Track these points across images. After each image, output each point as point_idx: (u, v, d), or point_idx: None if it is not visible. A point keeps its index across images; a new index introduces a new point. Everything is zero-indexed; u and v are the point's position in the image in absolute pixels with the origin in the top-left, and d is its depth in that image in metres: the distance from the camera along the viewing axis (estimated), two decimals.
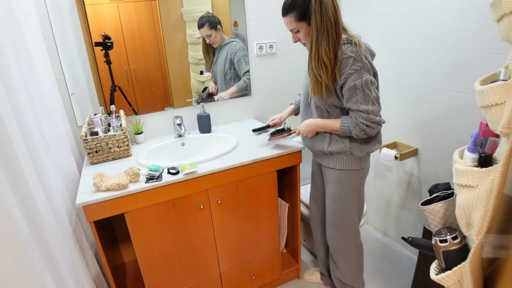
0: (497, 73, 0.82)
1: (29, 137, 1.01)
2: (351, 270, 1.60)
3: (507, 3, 0.65)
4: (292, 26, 1.24)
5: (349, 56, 1.17)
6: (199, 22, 1.73)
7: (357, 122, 1.23)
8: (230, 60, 1.86)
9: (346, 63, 1.18)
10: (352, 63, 1.17)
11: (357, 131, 1.24)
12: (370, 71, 1.21)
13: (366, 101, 1.20)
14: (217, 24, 1.77)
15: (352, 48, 1.18)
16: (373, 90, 1.21)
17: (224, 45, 1.84)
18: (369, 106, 1.21)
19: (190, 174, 1.33)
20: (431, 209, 1.02)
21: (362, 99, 1.20)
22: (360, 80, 1.18)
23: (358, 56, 1.17)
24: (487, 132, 0.85)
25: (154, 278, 1.45)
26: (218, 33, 1.79)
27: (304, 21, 1.20)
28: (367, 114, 1.21)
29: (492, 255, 0.85)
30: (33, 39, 1.27)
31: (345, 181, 1.41)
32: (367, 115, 1.21)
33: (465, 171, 0.83)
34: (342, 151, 1.35)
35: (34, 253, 0.89)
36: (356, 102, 1.21)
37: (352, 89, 1.20)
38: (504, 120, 0.70)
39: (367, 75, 1.19)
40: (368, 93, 1.20)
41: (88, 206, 1.20)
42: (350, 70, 1.18)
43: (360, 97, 1.20)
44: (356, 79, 1.18)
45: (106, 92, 1.64)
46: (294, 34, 1.28)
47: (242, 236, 1.59)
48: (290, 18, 1.22)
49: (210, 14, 1.74)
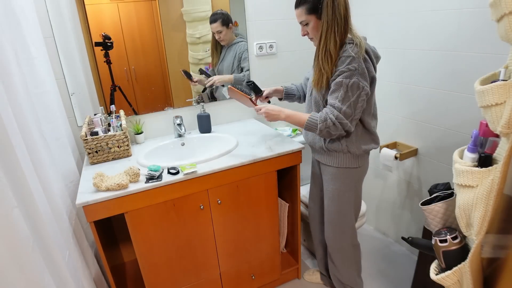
0: (497, 73, 0.82)
1: (29, 137, 1.00)
2: (349, 270, 1.60)
3: (507, 3, 0.65)
4: (302, 18, 1.27)
5: (350, 55, 1.19)
6: (212, 18, 1.76)
7: (326, 116, 1.24)
8: (238, 59, 1.88)
9: (344, 61, 1.20)
10: (349, 62, 1.19)
11: (322, 126, 1.25)
12: (364, 76, 1.22)
13: (344, 101, 1.22)
14: (229, 22, 1.80)
15: (354, 48, 1.20)
16: (357, 95, 1.22)
17: (233, 44, 1.85)
18: (344, 106, 1.22)
19: (190, 174, 1.33)
20: (431, 209, 1.02)
21: (342, 97, 1.22)
22: (348, 80, 1.20)
23: (357, 58, 1.19)
24: (487, 132, 0.85)
25: (154, 278, 1.45)
26: (228, 31, 1.81)
27: (314, 14, 1.23)
28: (339, 112, 1.23)
29: (492, 255, 0.85)
30: (33, 39, 1.27)
31: (343, 179, 1.42)
32: (338, 113, 1.23)
33: (465, 171, 0.83)
34: (339, 149, 1.36)
35: (34, 253, 0.89)
36: (336, 98, 1.23)
37: (338, 85, 1.22)
38: (504, 120, 0.70)
39: (358, 79, 1.20)
40: (349, 95, 1.21)
41: (88, 206, 1.20)
42: (344, 68, 1.20)
43: (341, 95, 1.22)
44: (345, 77, 1.20)
45: (106, 92, 1.64)
46: (303, 27, 1.31)
47: (242, 236, 1.59)
48: (301, 10, 1.25)
49: (224, 12, 1.78)
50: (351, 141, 1.34)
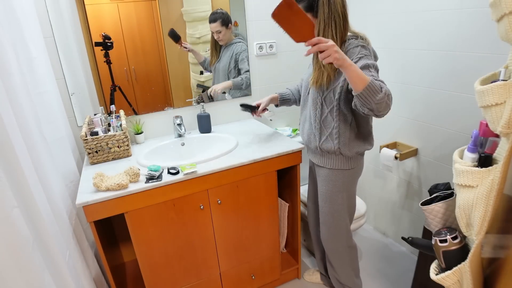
0: (497, 73, 0.82)
1: (29, 137, 1.00)
2: (346, 271, 1.60)
3: (507, 3, 0.65)
4: None
5: (357, 45, 1.19)
6: (211, 17, 1.76)
7: (381, 85, 1.08)
8: (235, 59, 1.88)
9: (354, 51, 1.19)
10: (359, 50, 1.18)
11: (386, 91, 1.08)
12: (377, 59, 1.22)
13: (379, 79, 1.11)
14: (229, 23, 1.80)
15: (359, 40, 1.21)
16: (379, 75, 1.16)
17: (230, 44, 1.85)
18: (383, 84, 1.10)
19: (190, 174, 1.33)
20: (431, 209, 1.02)
21: (376, 75, 1.13)
22: (371, 62, 1.15)
23: (366, 45, 1.19)
24: (487, 132, 0.85)
25: (154, 278, 1.45)
26: (227, 32, 1.81)
27: (310, 12, 1.22)
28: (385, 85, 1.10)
29: (492, 255, 0.85)
30: (33, 39, 1.27)
31: (335, 180, 1.41)
32: (386, 87, 1.09)
33: (465, 171, 0.83)
34: (332, 151, 1.36)
35: (34, 253, 0.89)
36: (372, 75, 1.10)
37: (365, 68, 1.12)
38: (504, 120, 0.70)
39: (375, 62, 1.18)
40: (377, 75, 1.14)
41: (88, 206, 1.20)
42: (358, 55, 1.17)
43: (374, 72, 1.13)
44: (366, 60, 1.15)
45: (106, 92, 1.64)
46: None
47: (242, 236, 1.59)
48: None
49: (224, 11, 1.77)
50: (343, 143, 1.33)
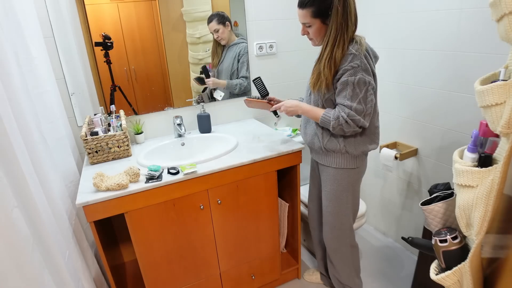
0: (497, 73, 0.82)
1: (29, 137, 1.00)
2: (347, 270, 1.61)
3: (507, 3, 0.65)
4: (306, 20, 1.25)
5: (351, 53, 1.20)
6: (208, 19, 1.76)
7: (338, 115, 1.25)
8: (238, 59, 1.88)
9: (346, 59, 1.21)
10: (351, 60, 1.20)
11: (335, 124, 1.26)
12: (368, 71, 1.22)
13: (353, 98, 1.22)
14: (225, 20, 1.80)
15: (355, 45, 1.21)
16: (364, 90, 1.22)
17: (234, 44, 1.86)
18: (354, 103, 1.22)
19: (190, 174, 1.33)
20: (431, 209, 1.02)
21: (350, 95, 1.22)
22: (353, 77, 1.20)
23: (358, 54, 1.19)
24: (487, 132, 0.85)
25: (154, 278, 1.45)
26: (226, 29, 1.81)
27: (319, 18, 1.22)
28: (350, 110, 1.23)
29: (492, 255, 0.85)
30: (33, 39, 1.27)
31: (340, 179, 1.42)
32: (349, 111, 1.23)
33: (465, 171, 0.83)
34: (337, 150, 1.36)
35: (34, 253, 0.89)
36: (344, 97, 1.24)
37: (344, 84, 1.22)
38: (504, 120, 0.70)
39: (363, 75, 1.20)
40: (357, 92, 1.22)
41: (88, 206, 1.20)
42: (347, 66, 1.20)
43: (349, 93, 1.22)
44: (350, 75, 1.20)
45: (106, 92, 1.64)
46: (304, 28, 1.30)
47: (242, 236, 1.59)
48: (307, 12, 1.23)
49: (219, 11, 1.78)
50: (349, 142, 1.34)
